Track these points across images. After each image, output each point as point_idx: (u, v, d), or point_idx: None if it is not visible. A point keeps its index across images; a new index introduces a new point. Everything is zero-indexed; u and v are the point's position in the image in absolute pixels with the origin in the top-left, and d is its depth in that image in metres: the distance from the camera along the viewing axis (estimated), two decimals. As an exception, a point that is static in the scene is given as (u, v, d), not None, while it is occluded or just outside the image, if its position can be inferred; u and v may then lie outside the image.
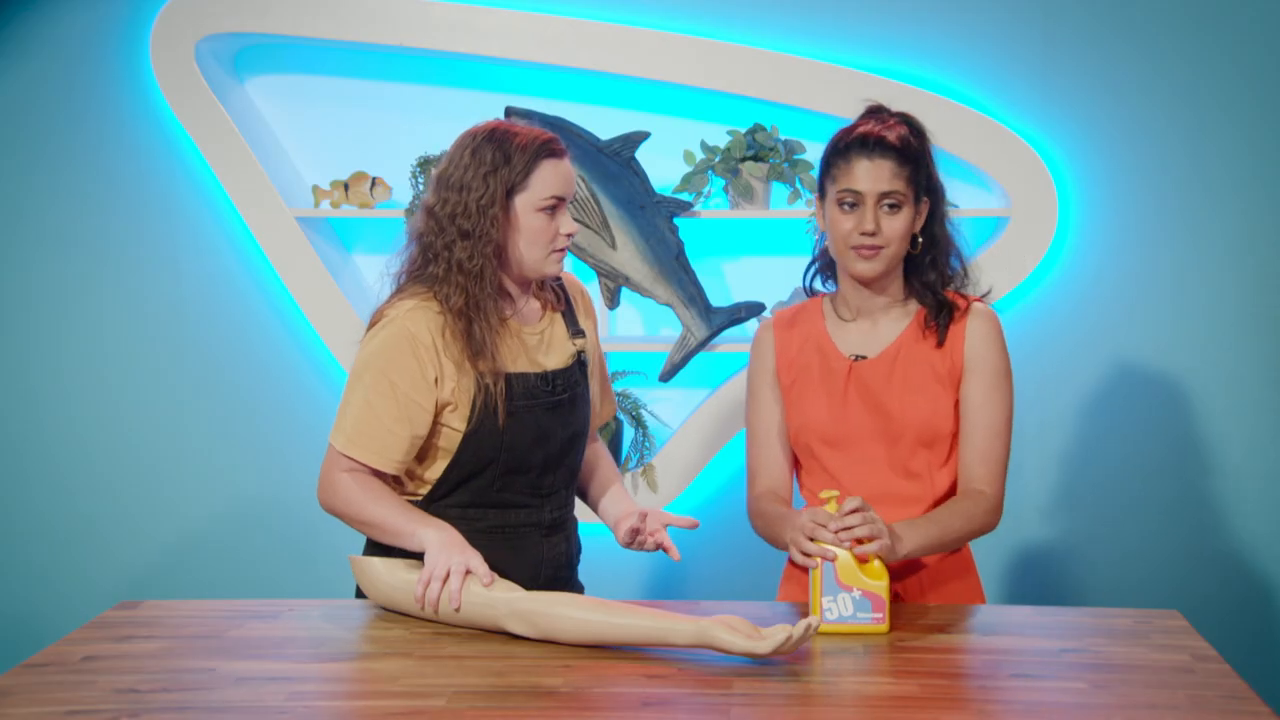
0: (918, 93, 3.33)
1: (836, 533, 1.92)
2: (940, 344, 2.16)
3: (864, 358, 2.18)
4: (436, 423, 2.11)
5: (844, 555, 1.92)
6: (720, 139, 3.45)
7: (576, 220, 3.38)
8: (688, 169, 3.45)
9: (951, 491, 2.18)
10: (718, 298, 3.51)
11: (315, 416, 3.57)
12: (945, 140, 3.36)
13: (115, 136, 3.56)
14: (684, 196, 3.44)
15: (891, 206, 2.10)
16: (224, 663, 1.83)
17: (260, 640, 1.92)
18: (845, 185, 2.11)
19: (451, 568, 1.95)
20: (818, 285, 2.30)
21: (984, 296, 2.25)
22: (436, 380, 2.08)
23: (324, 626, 1.99)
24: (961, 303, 2.19)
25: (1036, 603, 3.53)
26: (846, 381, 2.17)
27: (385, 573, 2.02)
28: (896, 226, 2.11)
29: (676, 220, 3.41)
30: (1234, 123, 3.43)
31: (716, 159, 3.40)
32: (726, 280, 3.61)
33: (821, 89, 3.35)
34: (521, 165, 2.08)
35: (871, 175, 2.09)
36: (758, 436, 2.25)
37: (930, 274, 2.19)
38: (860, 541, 1.92)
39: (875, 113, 2.18)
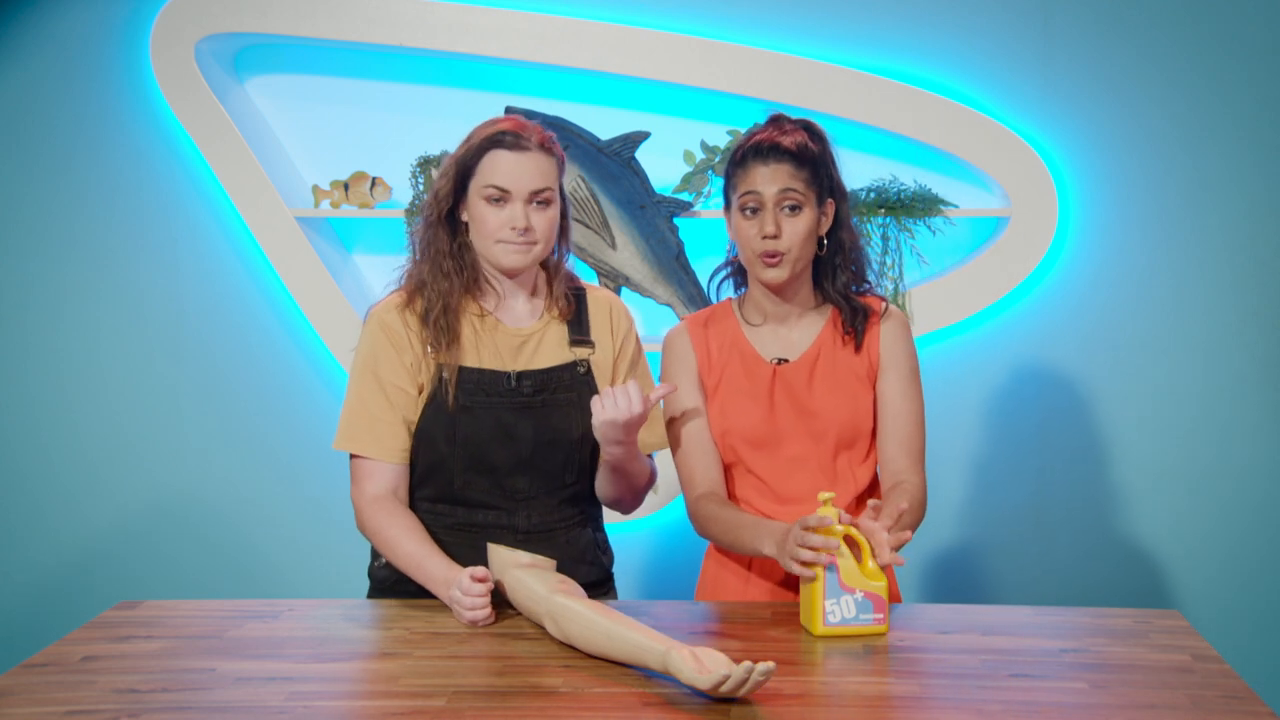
0: (918, 93, 3.33)
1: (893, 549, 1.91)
2: (859, 348, 2.20)
3: (785, 361, 2.21)
4: None
5: (844, 558, 1.92)
6: (720, 139, 3.45)
7: (576, 220, 3.38)
8: (688, 169, 3.45)
9: (871, 486, 2.22)
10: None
11: (315, 416, 3.58)
12: (945, 140, 3.40)
13: (115, 136, 3.56)
14: (684, 196, 3.44)
15: (791, 208, 2.13)
16: (224, 663, 1.83)
17: (260, 640, 1.92)
18: (744, 190, 2.13)
19: (469, 618, 1.97)
20: (726, 290, 2.32)
21: (885, 300, 2.28)
22: (413, 364, 2.12)
23: (324, 626, 1.99)
24: (875, 304, 2.23)
25: (1037, 603, 3.52)
26: (772, 385, 2.20)
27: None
28: (798, 228, 2.13)
29: (676, 220, 3.41)
30: (1234, 122, 3.43)
31: (716, 159, 3.40)
32: (726, 280, 3.60)
33: (821, 89, 3.35)
34: (475, 151, 2.10)
35: (767, 178, 2.12)
36: (688, 440, 2.24)
37: (840, 277, 2.22)
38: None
39: (774, 121, 2.21)
